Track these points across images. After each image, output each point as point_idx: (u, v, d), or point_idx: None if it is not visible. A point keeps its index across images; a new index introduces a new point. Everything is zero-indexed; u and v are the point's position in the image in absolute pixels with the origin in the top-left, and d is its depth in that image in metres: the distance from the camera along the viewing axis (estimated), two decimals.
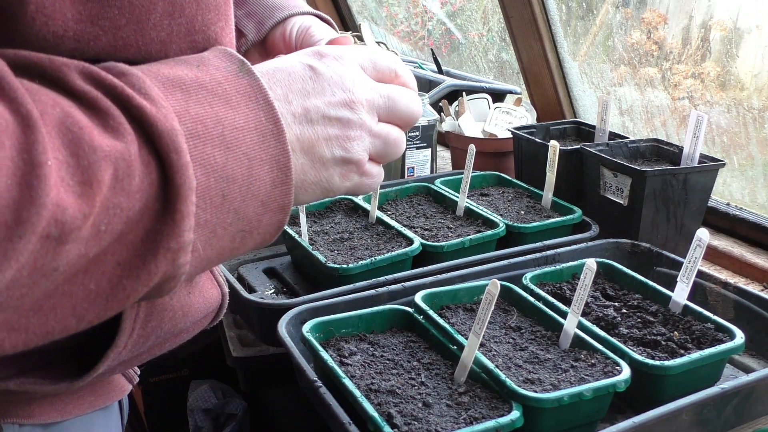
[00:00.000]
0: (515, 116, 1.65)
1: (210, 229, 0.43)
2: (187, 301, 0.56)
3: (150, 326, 0.51)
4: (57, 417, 0.55)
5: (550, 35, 1.75)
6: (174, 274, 0.42)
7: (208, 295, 0.59)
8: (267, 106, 0.46)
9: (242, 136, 0.44)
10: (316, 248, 1.10)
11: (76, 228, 0.36)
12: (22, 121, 0.34)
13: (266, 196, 0.46)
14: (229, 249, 0.46)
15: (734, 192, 1.52)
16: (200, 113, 0.43)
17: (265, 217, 0.47)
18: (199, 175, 0.41)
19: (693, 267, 0.93)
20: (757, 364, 0.95)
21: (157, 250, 0.40)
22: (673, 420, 0.77)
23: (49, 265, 0.36)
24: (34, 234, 0.34)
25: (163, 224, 0.40)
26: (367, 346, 0.87)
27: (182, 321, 0.55)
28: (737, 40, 1.50)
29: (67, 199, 0.35)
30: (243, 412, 1.41)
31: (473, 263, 1.08)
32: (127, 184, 0.38)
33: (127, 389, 0.63)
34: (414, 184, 1.37)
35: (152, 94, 0.40)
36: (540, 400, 0.74)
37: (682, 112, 1.65)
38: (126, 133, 0.38)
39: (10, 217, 0.33)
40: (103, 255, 0.38)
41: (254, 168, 0.45)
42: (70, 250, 0.36)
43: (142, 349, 0.53)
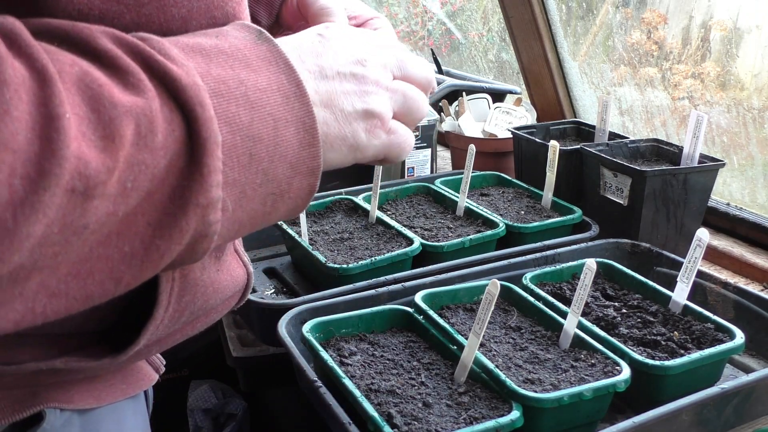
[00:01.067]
0: (515, 116, 1.65)
1: (239, 188, 0.43)
2: (216, 278, 0.57)
3: (184, 301, 0.53)
4: (93, 403, 0.57)
5: (550, 35, 1.75)
6: (205, 232, 0.42)
7: (235, 273, 0.60)
8: (288, 69, 0.46)
9: (266, 97, 0.45)
10: (316, 248, 1.10)
11: (101, 183, 0.36)
12: (38, 76, 0.34)
13: (294, 157, 0.46)
14: (261, 213, 0.46)
15: (734, 192, 1.52)
16: (222, 74, 0.43)
17: (295, 180, 0.47)
18: (225, 132, 0.42)
19: (693, 267, 0.93)
20: (757, 364, 0.95)
21: (187, 207, 0.40)
22: (673, 420, 0.77)
23: (78, 221, 0.36)
24: (59, 186, 0.34)
25: (190, 180, 0.40)
26: (367, 346, 0.87)
27: (213, 297, 0.57)
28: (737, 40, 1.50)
29: (90, 153, 0.35)
30: (243, 412, 1.41)
31: (473, 263, 1.08)
32: (151, 140, 0.38)
33: (154, 378, 0.65)
34: (414, 184, 1.37)
35: (173, 54, 0.41)
36: (540, 400, 0.74)
37: (682, 112, 1.65)
38: (146, 90, 0.39)
39: (33, 170, 0.33)
40: (133, 215, 0.39)
41: (280, 129, 0.45)
42: (98, 206, 0.36)
43: (176, 325, 0.55)
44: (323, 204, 1.27)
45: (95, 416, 0.58)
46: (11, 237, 0.33)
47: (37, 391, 0.53)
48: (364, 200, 1.27)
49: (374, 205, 1.21)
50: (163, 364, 0.67)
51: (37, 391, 0.53)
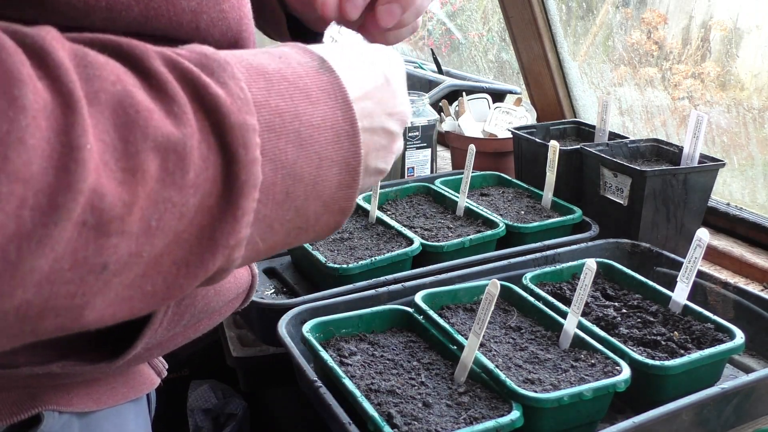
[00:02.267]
0: (515, 116, 1.65)
1: (267, 223, 0.42)
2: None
3: (184, 304, 0.52)
4: (93, 406, 0.56)
5: (550, 35, 1.75)
6: (227, 267, 0.41)
7: (239, 275, 0.59)
8: (345, 106, 0.45)
9: (317, 134, 0.43)
10: (316, 248, 1.10)
11: (117, 217, 0.34)
12: (62, 101, 0.32)
13: (329, 197, 0.45)
14: (282, 243, 0.45)
15: (734, 192, 1.52)
16: (280, 105, 0.41)
17: (323, 217, 0.46)
18: (267, 170, 0.40)
19: (693, 267, 0.93)
20: (757, 364, 0.95)
21: (216, 248, 0.39)
22: (673, 420, 0.77)
23: (94, 259, 0.34)
24: (70, 221, 0.32)
25: (221, 221, 0.38)
26: (367, 346, 0.87)
27: (214, 300, 0.56)
28: (737, 40, 1.50)
29: (107, 186, 0.33)
30: (243, 412, 1.41)
31: (473, 263, 1.08)
32: (180, 177, 0.36)
33: (156, 382, 0.64)
34: (414, 184, 1.37)
35: (230, 84, 0.39)
36: (540, 400, 0.74)
37: (682, 112, 1.65)
38: (187, 123, 0.37)
39: (45, 202, 0.32)
40: (159, 257, 0.37)
41: (323, 168, 0.43)
42: (118, 245, 0.34)
43: (177, 329, 0.54)
44: None
45: (95, 419, 0.57)
46: (13, 271, 0.32)
47: (36, 394, 0.52)
48: (364, 200, 1.27)
49: (374, 205, 1.21)
50: (166, 368, 0.66)
51: (35, 394, 0.52)
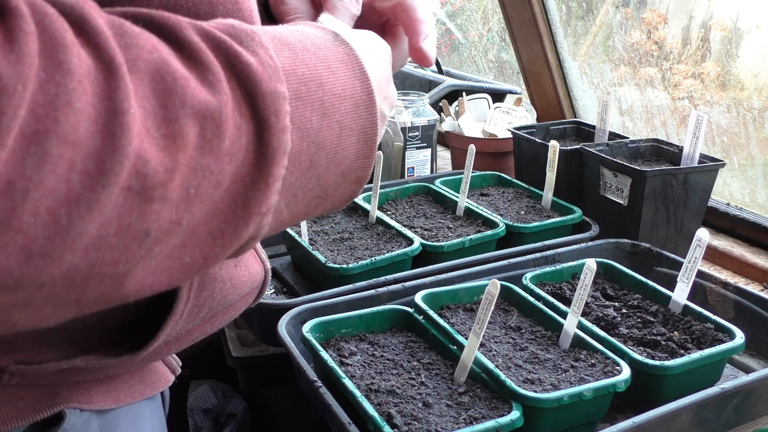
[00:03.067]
0: (515, 116, 1.65)
1: (292, 192, 0.43)
2: (234, 273, 0.57)
3: (203, 296, 0.53)
4: (111, 403, 0.57)
5: (550, 35, 1.75)
6: (256, 235, 0.41)
7: (252, 269, 0.60)
8: (362, 76, 0.46)
9: (339, 103, 0.44)
10: (316, 248, 1.10)
11: (160, 183, 0.34)
12: (104, 67, 0.33)
13: (348, 166, 0.46)
14: (303, 213, 0.46)
15: (734, 192, 1.52)
16: (306, 74, 0.42)
17: (342, 187, 0.47)
18: (295, 138, 0.41)
19: (693, 267, 0.93)
20: (757, 364, 0.95)
21: (249, 216, 0.39)
22: (673, 420, 0.77)
23: (137, 225, 0.34)
24: (117, 185, 0.33)
25: (254, 189, 0.39)
26: (367, 346, 0.87)
27: (231, 293, 0.57)
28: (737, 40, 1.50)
29: (150, 151, 0.34)
30: (243, 412, 1.41)
31: (473, 263, 1.08)
32: (216, 145, 0.37)
33: (170, 380, 0.66)
34: (414, 184, 1.37)
35: (260, 52, 0.40)
36: (540, 400, 0.74)
37: (682, 112, 1.65)
38: (222, 92, 0.37)
39: (93, 166, 0.32)
40: (197, 226, 0.38)
41: (344, 137, 0.45)
42: (160, 212, 0.35)
43: (195, 321, 0.55)
44: None
45: (113, 417, 0.58)
46: (64, 234, 0.32)
47: (57, 392, 0.53)
48: (364, 200, 1.27)
49: (374, 205, 1.21)
50: (179, 366, 0.68)
51: (57, 391, 0.53)
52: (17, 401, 0.51)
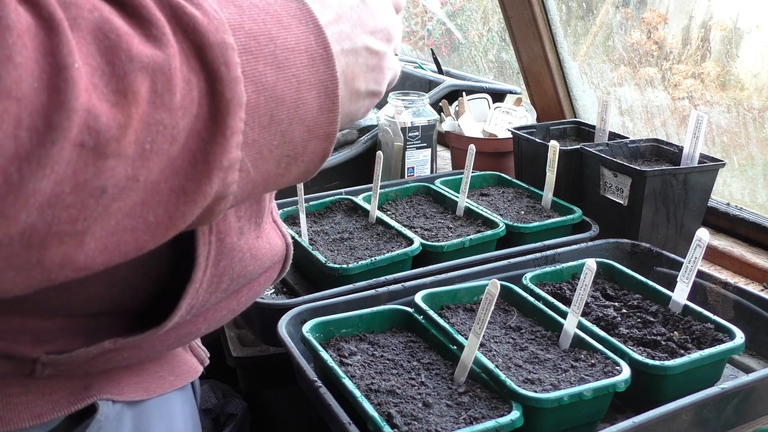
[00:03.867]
0: (515, 116, 1.65)
1: (257, 149, 0.43)
2: (255, 245, 0.58)
3: (222, 265, 0.53)
4: (143, 394, 0.58)
5: (550, 35, 1.75)
6: (224, 193, 0.42)
7: (273, 242, 0.61)
8: (317, 30, 0.46)
9: (293, 57, 0.44)
10: (316, 248, 1.10)
11: (113, 139, 0.34)
12: (44, 23, 0.32)
13: (312, 121, 0.46)
14: (275, 174, 0.46)
15: (734, 192, 1.52)
16: (254, 29, 0.42)
17: (310, 144, 0.47)
18: (250, 92, 0.41)
19: (693, 267, 0.93)
20: (757, 364, 0.95)
21: (210, 171, 0.39)
22: (673, 420, 0.77)
23: (93, 182, 0.34)
24: (67, 140, 0.33)
25: (212, 142, 0.39)
26: (367, 346, 0.87)
27: (251, 264, 0.57)
28: (737, 40, 1.50)
29: (100, 107, 0.34)
30: (243, 412, 1.41)
31: (473, 263, 1.08)
32: (168, 99, 0.37)
33: (199, 370, 0.67)
34: (414, 184, 1.37)
35: (205, 5, 0.40)
36: (540, 400, 0.74)
37: (682, 112, 1.65)
38: (168, 45, 0.37)
39: (40, 122, 0.32)
40: (155, 183, 0.37)
41: (302, 91, 0.44)
42: (115, 168, 0.35)
43: (218, 294, 0.55)
44: (323, 204, 1.27)
45: (145, 408, 0.59)
46: (16, 192, 0.32)
47: (90, 384, 0.54)
48: (364, 200, 1.27)
49: (374, 205, 1.21)
50: (207, 357, 0.69)
51: (89, 384, 0.54)
52: (51, 394, 0.52)
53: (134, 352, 0.54)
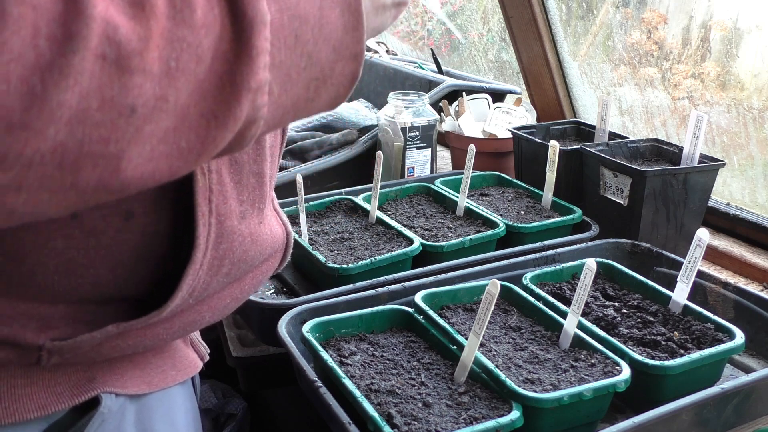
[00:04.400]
0: (515, 116, 1.65)
1: (285, 71, 0.42)
2: (256, 230, 0.58)
3: (222, 248, 0.54)
4: (145, 388, 0.59)
5: (550, 35, 1.75)
6: (254, 117, 0.41)
7: (274, 230, 0.62)
8: None
9: None
10: (316, 248, 1.10)
11: (136, 53, 0.34)
12: None
13: (338, 41, 0.45)
14: (304, 99, 0.46)
15: (734, 192, 1.52)
16: None
17: (338, 65, 0.46)
18: (273, 11, 0.41)
19: (693, 267, 0.93)
20: (757, 364, 0.95)
21: (239, 93, 0.39)
22: (673, 420, 0.77)
23: (120, 99, 0.34)
24: (88, 50, 0.32)
25: (238, 63, 0.39)
26: (367, 346, 0.87)
27: (252, 249, 0.58)
28: (737, 40, 1.50)
29: (118, 18, 0.33)
30: (243, 412, 1.41)
31: (473, 263, 1.08)
32: (188, 15, 0.36)
33: (199, 365, 0.68)
34: (414, 184, 1.37)
35: None
36: (540, 400, 0.74)
37: (682, 112, 1.65)
38: None
39: (58, 30, 0.31)
40: (185, 108, 0.37)
41: (325, 9, 0.44)
42: (142, 85, 0.35)
43: (219, 278, 0.56)
44: (323, 204, 1.27)
45: (148, 402, 0.60)
46: (41, 104, 0.32)
47: (94, 376, 0.55)
48: (364, 200, 1.27)
49: (374, 205, 1.21)
50: (208, 352, 0.70)
51: (93, 376, 0.55)
52: (55, 386, 0.53)
53: (139, 339, 0.54)
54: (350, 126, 1.79)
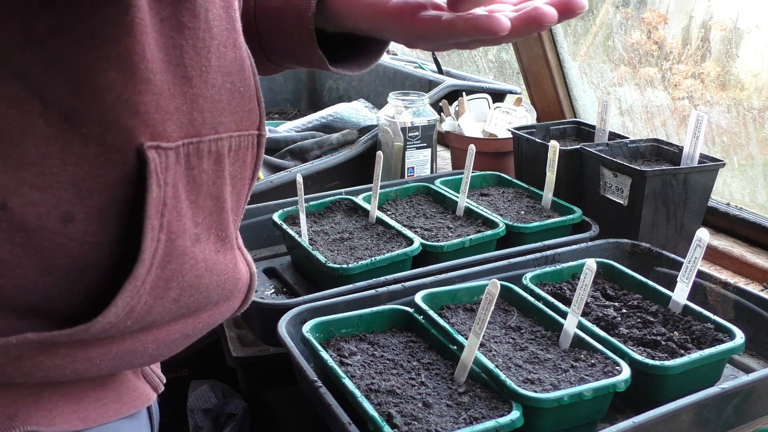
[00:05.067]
0: (515, 116, 1.65)
1: None
2: (213, 258, 0.55)
3: (170, 268, 0.50)
4: (78, 425, 0.53)
5: (550, 35, 1.75)
6: None
7: (238, 266, 0.58)
8: None
9: None
10: (316, 248, 1.10)
11: None
12: None
13: None
14: None
15: (734, 192, 1.52)
16: None
17: None
18: None
19: (693, 267, 0.93)
20: (757, 364, 0.95)
21: None
22: (673, 420, 0.77)
23: None
24: None
25: None
26: (367, 346, 0.87)
27: (206, 277, 0.54)
28: (737, 40, 1.50)
29: None
30: (243, 412, 1.41)
31: (473, 263, 1.08)
32: None
33: (152, 397, 0.62)
34: (414, 184, 1.37)
35: None
36: (540, 400, 0.74)
37: (682, 112, 1.65)
38: None
39: None
40: None
41: None
42: None
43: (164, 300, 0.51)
44: (323, 204, 1.27)
45: None
46: None
47: (15, 413, 0.49)
48: (364, 200, 1.27)
49: (374, 205, 1.21)
50: (163, 382, 0.64)
51: (14, 413, 0.49)
52: None
53: (68, 360, 0.49)
54: (350, 126, 1.79)
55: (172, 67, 0.49)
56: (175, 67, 0.50)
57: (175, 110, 0.50)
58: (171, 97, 0.49)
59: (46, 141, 0.45)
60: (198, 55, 0.51)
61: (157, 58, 0.47)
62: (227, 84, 0.55)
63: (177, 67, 0.50)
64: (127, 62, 0.45)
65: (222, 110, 0.54)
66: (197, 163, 0.52)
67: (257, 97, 0.59)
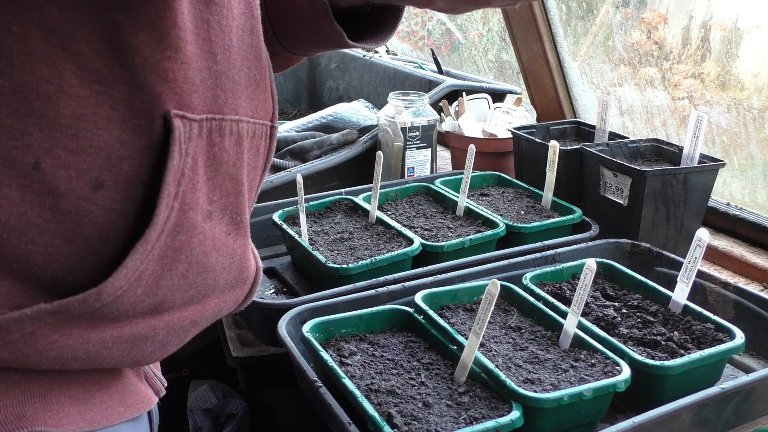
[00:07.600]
0: (515, 116, 1.65)
1: None
2: (222, 238, 0.56)
3: (179, 239, 0.51)
4: (84, 426, 0.53)
5: (550, 35, 1.74)
6: None
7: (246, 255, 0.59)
8: None
9: None
10: (316, 248, 1.10)
11: None
12: None
13: None
14: None
15: (734, 192, 1.52)
16: None
17: None
18: None
19: (693, 267, 0.93)
20: (757, 364, 0.95)
21: None
22: (673, 420, 0.77)
23: None
24: None
25: None
26: (367, 346, 0.87)
27: (213, 256, 0.55)
28: (737, 40, 1.50)
29: None
30: (243, 412, 1.41)
31: (473, 263, 1.08)
32: None
33: (154, 401, 0.62)
34: (414, 184, 1.37)
35: None
36: (540, 400, 0.74)
37: (682, 112, 1.65)
38: None
39: None
40: None
41: None
42: None
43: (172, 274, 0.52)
44: (323, 204, 1.27)
45: None
46: None
47: (23, 413, 0.49)
48: (364, 200, 1.27)
49: (374, 205, 1.21)
50: (164, 386, 0.65)
51: (22, 413, 0.49)
52: None
53: (81, 341, 0.49)
54: (350, 126, 1.79)
55: (200, 40, 0.50)
56: (203, 41, 0.51)
57: (201, 83, 0.51)
58: (198, 69, 0.50)
59: (80, 102, 0.45)
60: (222, 32, 0.52)
61: (187, 29, 0.49)
62: (245, 68, 0.56)
63: (204, 41, 0.51)
64: (157, 26, 0.46)
65: (241, 93, 0.55)
66: (219, 141, 0.53)
67: (271, 89, 0.61)
